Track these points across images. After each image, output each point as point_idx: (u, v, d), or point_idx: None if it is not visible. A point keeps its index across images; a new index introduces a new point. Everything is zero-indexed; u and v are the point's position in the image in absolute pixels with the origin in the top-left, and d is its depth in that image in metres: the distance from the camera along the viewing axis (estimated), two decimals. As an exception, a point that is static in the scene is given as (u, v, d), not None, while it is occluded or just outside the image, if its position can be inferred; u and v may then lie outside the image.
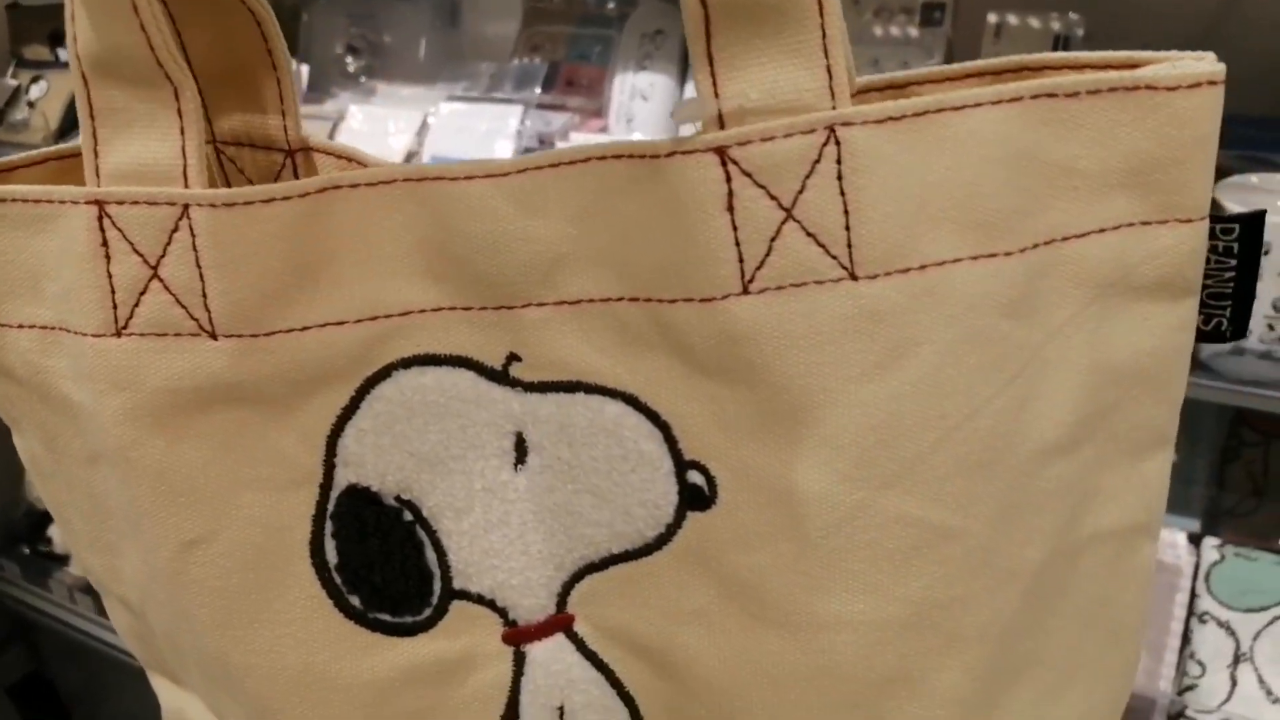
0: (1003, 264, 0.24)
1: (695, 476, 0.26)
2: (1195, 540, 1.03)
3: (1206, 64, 0.24)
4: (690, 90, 1.24)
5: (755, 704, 0.27)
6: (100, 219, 0.26)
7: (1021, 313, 0.25)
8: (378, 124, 1.33)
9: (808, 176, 0.23)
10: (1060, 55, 0.26)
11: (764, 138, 0.23)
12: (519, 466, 0.28)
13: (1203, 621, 0.99)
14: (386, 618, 0.29)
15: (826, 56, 0.23)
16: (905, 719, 0.27)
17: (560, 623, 0.29)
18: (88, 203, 0.26)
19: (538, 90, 1.28)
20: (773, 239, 0.23)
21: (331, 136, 1.37)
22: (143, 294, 0.26)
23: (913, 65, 1.15)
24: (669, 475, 0.26)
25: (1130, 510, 0.28)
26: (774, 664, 0.27)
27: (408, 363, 0.27)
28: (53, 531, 1.87)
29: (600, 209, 0.25)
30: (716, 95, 0.23)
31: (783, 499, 0.25)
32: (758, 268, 0.24)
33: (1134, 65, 0.25)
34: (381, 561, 0.29)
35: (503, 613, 0.29)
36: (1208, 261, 0.26)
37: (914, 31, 1.14)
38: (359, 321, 0.27)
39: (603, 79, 1.27)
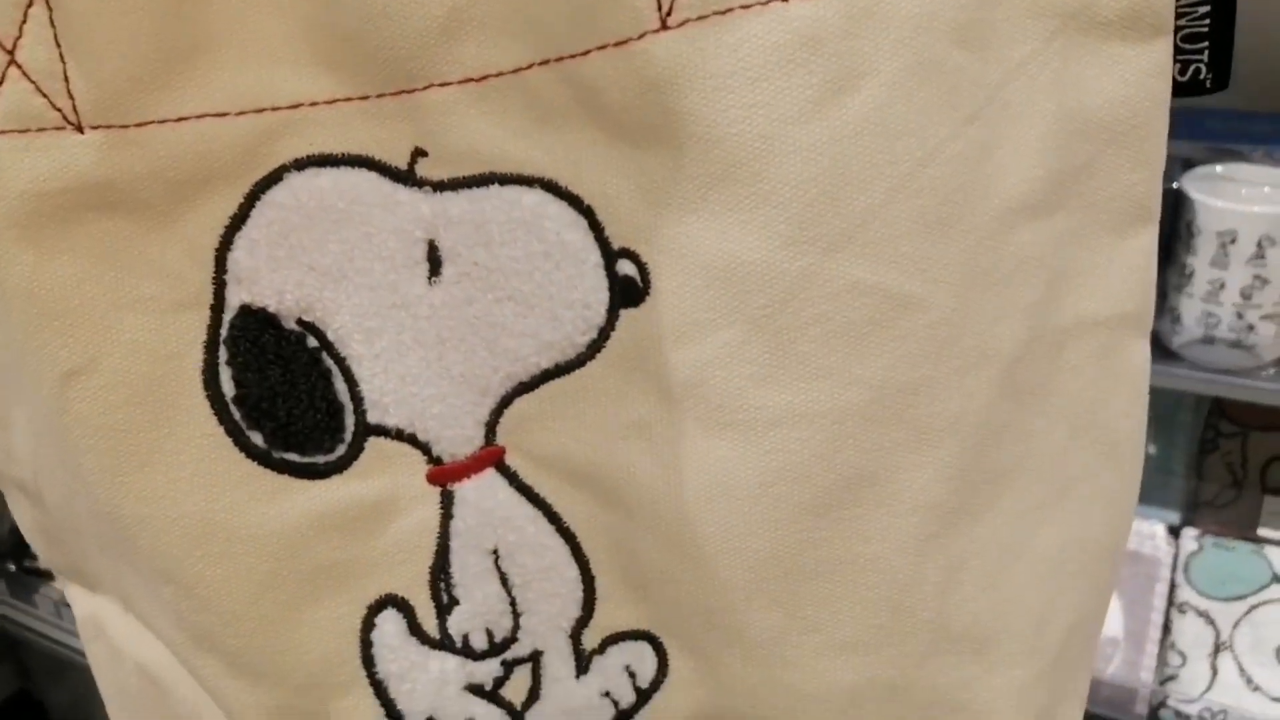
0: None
1: (626, 266, 0.24)
2: (1174, 531, 1.04)
3: None
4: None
5: (707, 521, 0.24)
6: None
7: (974, 42, 0.22)
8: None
9: None
10: None
11: None
12: (433, 279, 0.25)
13: (1182, 612, 1.00)
14: (294, 458, 0.26)
15: None
16: (872, 527, 0.24)
17: (490, 456, 0.26)
18: None
19: None
20: None
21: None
22: (0, 82, 0.22)
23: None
24: (597, 268, 0.24)
25: (1116, 297, 0.26)
26: (725, 473, 0.24)
27: (301, 164, 0.24)
28: (38, 547, 1.87)
29: None
30: None
31: (721, 277, 0.23)
32: None
33: None
34: (285, 393, 0.25)
35: (425, 448, 0.27)
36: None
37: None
38: (242, 114, 0.23)
39: None
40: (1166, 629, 1.00)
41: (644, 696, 0.28)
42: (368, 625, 0.27)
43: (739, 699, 0.26)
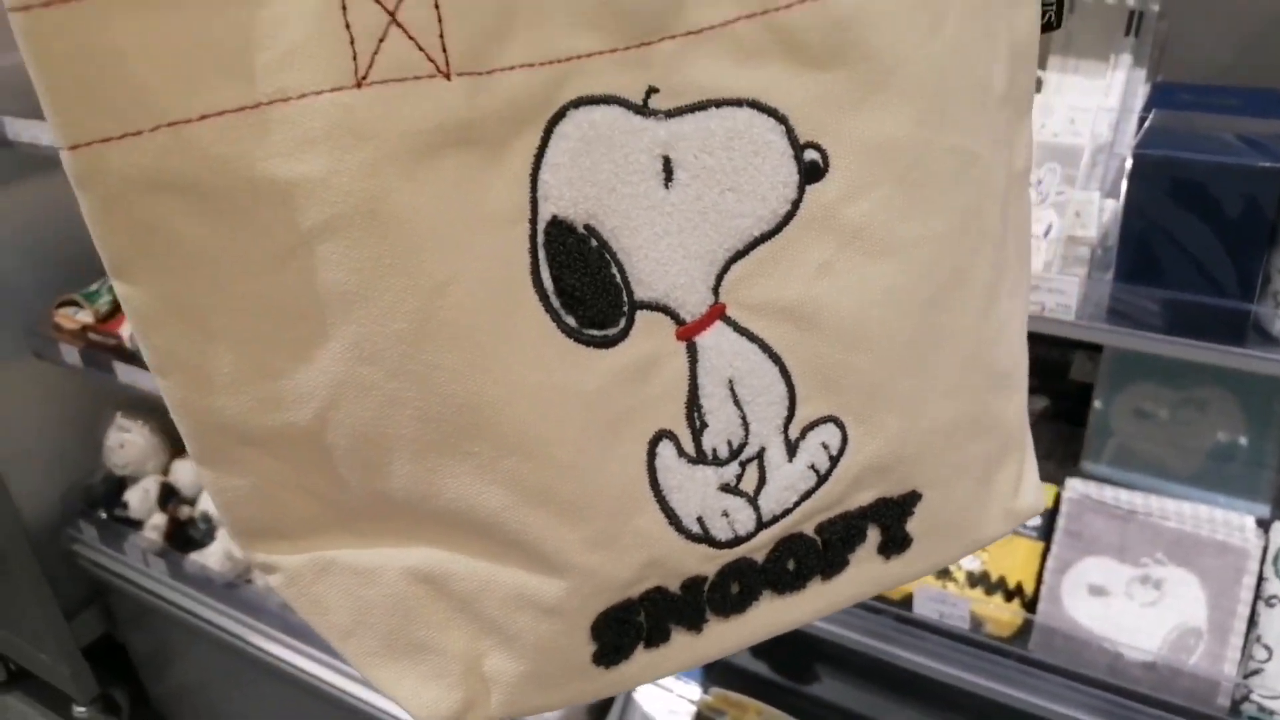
0: None
1: (811, 154, 0.34)
2: (1264, 525, 1.02)
3: None
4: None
5: (873, 321, 0.35)
6: None
7: None
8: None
9: None
10: None
11: None
12: (669, 183, 0.33)
13: (1270, 605, 0.98)
14: (594, 333, 0.33)
15: None
16: (960, 304, 0.37)
17: (717, 311, 0.35)
18: None
19: None
20: None
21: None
22: (382, 40, 0.27)
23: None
24: (790, 158, 0.33)
25: (1024, 159, 0.39)
26: (882, 285, 0.35)
27: (576, 104, 0.31)
28: (129, 496, 1.94)
29: None
30: None
31: (877, 151, 0.34)
32: None
33: None
34: (586, 282, 0.33)
35: (674, 314, 0.35)
36: None
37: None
38: (544, 65, 0.30)
39: None
40: (1253, 622, 0.98)
41: (834, 461, 0.37)
42: (650, 455, 0.35)
43: (892, 447, 0.37)
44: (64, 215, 1.90)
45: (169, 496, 1.94)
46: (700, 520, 0.36)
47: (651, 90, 0.32)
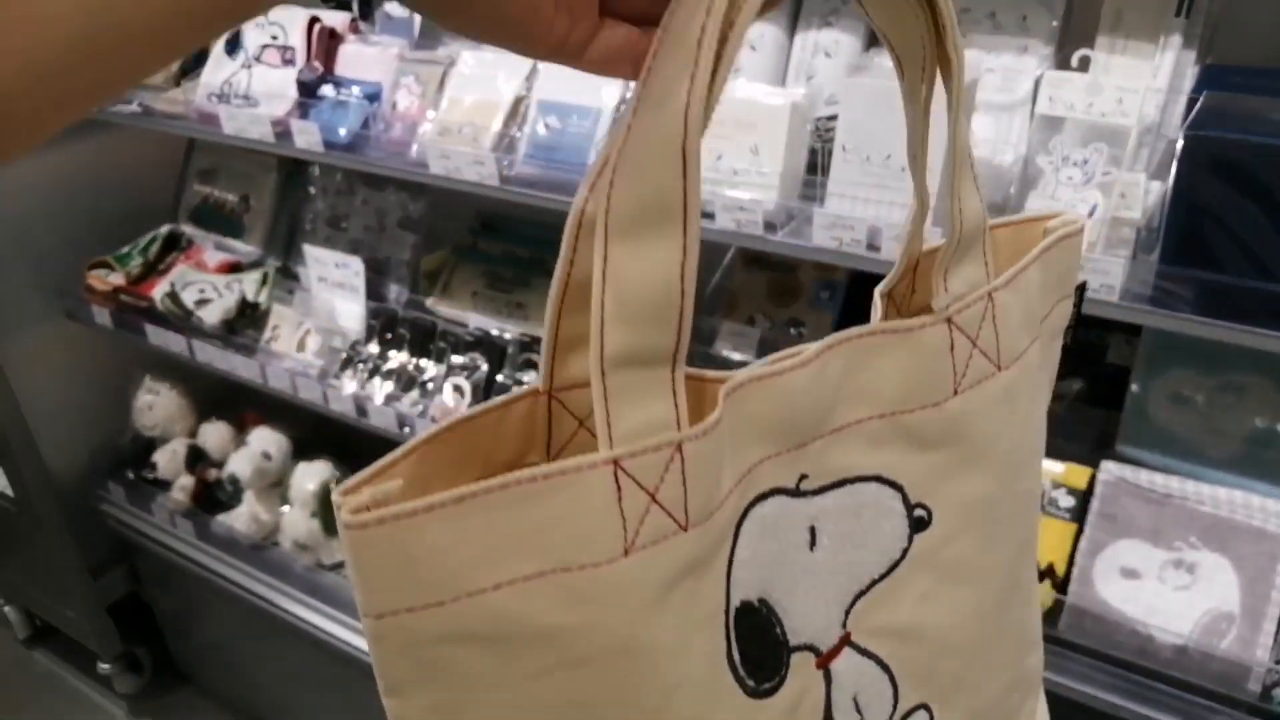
0: (1037, 339, 0.45)
1: (919, 512, 0.42)
2: (1299, 511, 1.01)
3: (1079, 218, 0.47)
4: (799, 42, 1.24)
5: (960, 632, 0.44)
6: (616, 472, 0.31)
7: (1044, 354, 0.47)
8: (487, 69, 1.35)
9: (982, 322, 0.41)
10: (1025, 215, 0.48)
11: (966, 306, 0.41)
12: (814, 547, 0.39)
13: (1304, 592, 0.98)
14: (767, 686, 0.38)
15: (986, 261, 0.42)
16: (1019, 602, 0.47)
17: (845, 639, 0.41)
18: (606, 464, 0.31)
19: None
20: (968, 360, 0.41)
21: (442, 82, 1.40)
22: (644, 516, 0.32)
23: (1030, 18, 1.14)
24: (904, 517, 0.41)
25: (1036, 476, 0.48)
26: (969, 604, 0.44)
27: (753, 502, 0.37)
28: (157, 457, 1.96)
29: (861, 365, 0.39)
30: (947, 290, 0.41)
31: (970, 505, 0.42)
32: (961, 379, 0.41)
33: (1053, 215, 0.47)
34: (763, 649, 0.38)
35: (815, 650, 0.40)
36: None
37: (1031, -14, 1.12)
38: (738, 485, 0.36)
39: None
40: (1285, 609, 0.98)
41: None
42: None
43: (964, 717, 0.46)
44: (96, 177, 1.92)
45: (196, 459, 1.96)
46: None
47: (803, 476, 0.38)
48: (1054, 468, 1.13)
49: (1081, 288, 0.49)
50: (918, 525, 0.41)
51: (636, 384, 0.32)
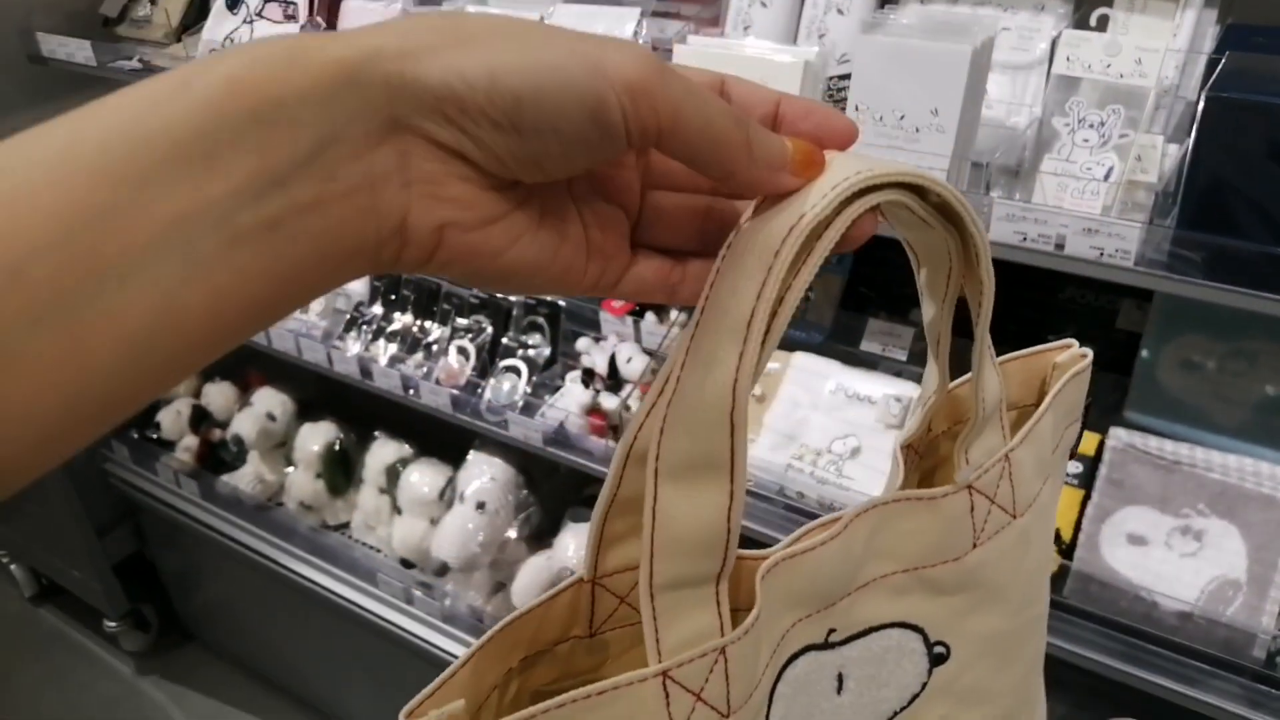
0: (1049, 477, 0.46)
1: (939, 649, 0.44)
2: (1308, 479, 1.01)
3: (1086, 352, 0.47)
4: (809, 2, 1.22)
5: None
6: (665, 683, 0.33)
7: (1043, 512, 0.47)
8: (493, 25, 1.32)
9: (999, 481, 0.42)
10: (1036, 349, 0.48)
11: (985, 471, 0.42)
12: (840, 691, 0.42)
13: (1312, 559, 0.98)
14: None
15: (1003, 425, 0.43)
16: (1030, 709, 0.49)
17: None
18: (656, 676, 0.33)
19: (653, -4, 1.27)
20: (987, 516, 0.42)
21: (446, 37, 1.37)
22: (690, 715, 0.34)
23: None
24: (924, 655, 0.43)
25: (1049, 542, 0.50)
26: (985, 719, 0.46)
27: (785, 664, 0.39)
28: (161, 417, 1.96)
29: (886, 527, 0.40)
30: (968, 463, 0.42)
31: (986, 638, 0.44)
32: (979, 533, 0.42)
33: (1062, 347, 0.47)
34: None
35: None
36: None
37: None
38: (772, 655, 0.38)
39: (719, -13, 1.25)
40: (1292, 576, 0.98)
41: None
42: None
43: None
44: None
45: (201, 419, 1.96)
46: None
47: (830, 630, 0.40)
48: (1062, 434, 1.12)
49: (1088, 408, 0.51)
50: (937, 660, 0.44)
51: (683, 602, 0.34)
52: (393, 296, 1.65)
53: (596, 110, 0.28)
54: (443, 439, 1.65)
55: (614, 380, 1.46)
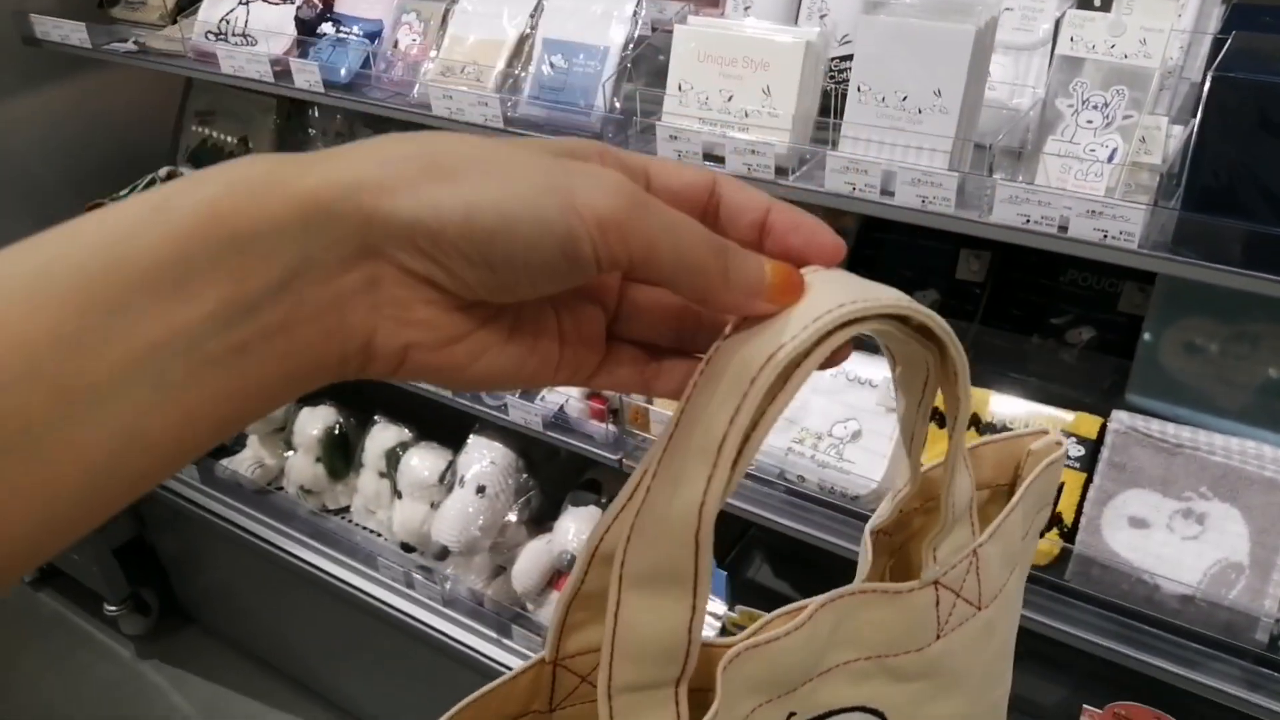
0: (1017, 566, 0.46)
1: None
2: (1310, 462, 1.00)
3: (1062, 440, 0.47)
4: (811, -20, 1.21)
5: None
6: None
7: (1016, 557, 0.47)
8: (491, 6, 1.31)
9: (966, 575, 0.42)
10: (1010, 434, 0.47)
11: (951, 568, 0.41)
12: None
13: (1314, 542, 0.97)
14: None
15: (973, 522, 0.43)
16: (1001, 696, 0.49)
17: None
18: None
19: (652, -24, 1.26)
20: (952, 609, 0.42)
21: (445, 19, 1.36)
22: None
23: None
24: None
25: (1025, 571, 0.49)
26: None
27: None
28: (160, 402, 1.95)
29: (850, 617, 0.40)
30: (936, 562, 0.41)
31: None
32: (944, 625, 0.42)
33: (1037, 434, 0.47)
34: None
35: None
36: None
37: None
38: None
39: (720, -34, 1.24)
40: (1294, 559, 0.98)
41: None
42: None
43: None
44: (93, 115, 1.88)
45: (199, 403, 1.95)
46: None
47: (791, 714, 0.41)
48: (1064, 416, 1.12)
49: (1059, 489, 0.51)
50: None
51: (643, 703, 0.35)
52: (391, 280, 1.64)
53: (565, 244, 0.28)
54: (443, 423, 1.65)
55: (614, 364, 1.45)
